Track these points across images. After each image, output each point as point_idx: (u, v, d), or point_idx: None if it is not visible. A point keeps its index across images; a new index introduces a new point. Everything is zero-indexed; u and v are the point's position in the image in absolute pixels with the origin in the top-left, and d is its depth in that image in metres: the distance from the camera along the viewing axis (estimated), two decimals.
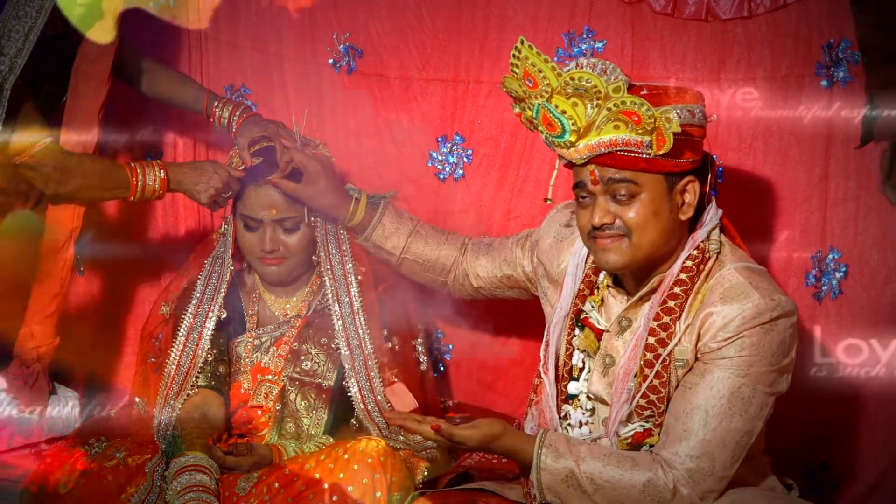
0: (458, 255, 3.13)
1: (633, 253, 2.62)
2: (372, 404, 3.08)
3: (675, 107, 2.55)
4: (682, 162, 2.58)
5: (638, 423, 2.63)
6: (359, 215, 3.12)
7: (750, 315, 2.55)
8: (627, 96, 2.52)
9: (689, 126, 2.57)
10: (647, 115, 2.50)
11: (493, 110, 3.43)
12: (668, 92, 2.60)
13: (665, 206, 2.60)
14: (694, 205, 2.62)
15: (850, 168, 3.26)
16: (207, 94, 3.27)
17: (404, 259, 3.15)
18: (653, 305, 2.64)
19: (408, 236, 3.14)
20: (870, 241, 3.27)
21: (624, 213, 2.60)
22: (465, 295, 3.18)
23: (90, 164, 3.05)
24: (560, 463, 2.60)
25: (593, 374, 2.73)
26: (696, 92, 2.65)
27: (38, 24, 2.87)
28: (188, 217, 3.55)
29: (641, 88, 2.59)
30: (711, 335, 2.57)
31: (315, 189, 3.09)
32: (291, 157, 3.09)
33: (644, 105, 2.50)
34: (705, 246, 2.65)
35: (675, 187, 2.60)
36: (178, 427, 3.05)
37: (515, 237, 3.08)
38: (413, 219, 3.18)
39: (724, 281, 2.60)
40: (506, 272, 3.06)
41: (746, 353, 2.55)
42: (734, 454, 2.57)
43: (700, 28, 3.29)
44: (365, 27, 3.44)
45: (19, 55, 2.86)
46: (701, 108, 2.62)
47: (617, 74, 2.55)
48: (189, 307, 3.15)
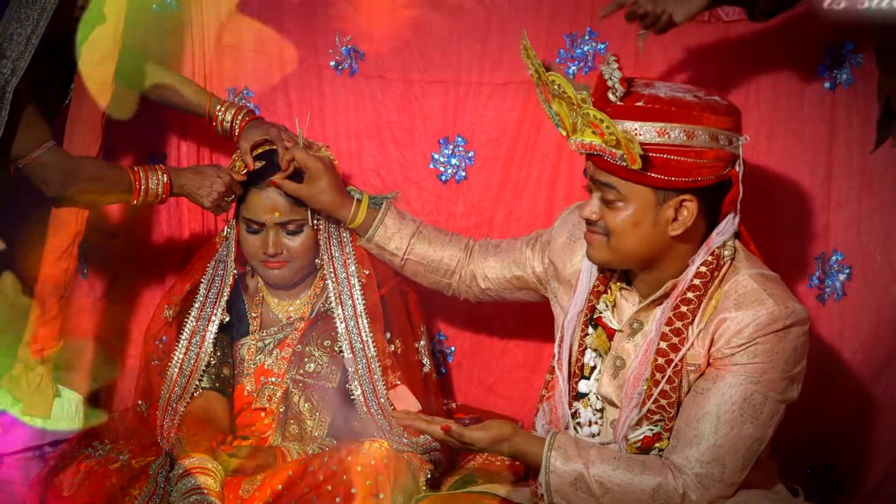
0: (462, 256, 3.12)
1: (613, 254, 2.63)
2: (375, 407, 3.08)
3: (671, 125, 2.52)
4: (671, 180, 2.54)
5: (647, 427, 2.63)
6: (360, 216, 3.12)
7: (764, 322, 2.54)
8: (591, 108, 2.52)
9: (681, 147, 2.53)
10: (608, 132, 2.50)
11: (494, 112, 3.44)
12: (679, 106, 2.54)
13: (648, 219, 2.58)
14: (688, 223, 2.58)
15: (853, 170, 3.27)
16: (210, 97, 3.27)
17: (408, 260, 3.14)
18: (665, 310, 2.63)
19: (410, 237, 3.13)
20: (873, 243, 3.28)
21: (607, 215, 2.61)
22: (471, 297, 3.17)
23: (93, 168, 3.05)
24: (569, 466, 2.59)
25: (603, 375, 2.72)
26: (725, 114, 2.56)
27: (39, 27, 2.87)
28: (192, 220, 3.55)
29: (640, 98, 2.55)
30: (725, 341, 2.57)
31: (317, 188, 3.09)
32: (293, 155, 3.10)
33: (605, 122, 2.49)
34: (720, 252, 2.63)
35: (665, 202, 2.57)
36: (182, 429, 3.06)
37: (525, 238, 3.06)
38: (416, 220, 3.17)
39: (739, 287, 2.59)
40: (515, 273, 3.04)
41: (759, 359, 2.54)
42: (744, 460, 2.57)
43: (702, 30, 3.30)
44: (367, 29, 3.44)
45: (21, 58, 2.86)
46: (715, 131, 2.54)
47: (614, 77, 2.53)
48: (192, 310, 3.16)
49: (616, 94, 2.54)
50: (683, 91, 2.59)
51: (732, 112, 2.60)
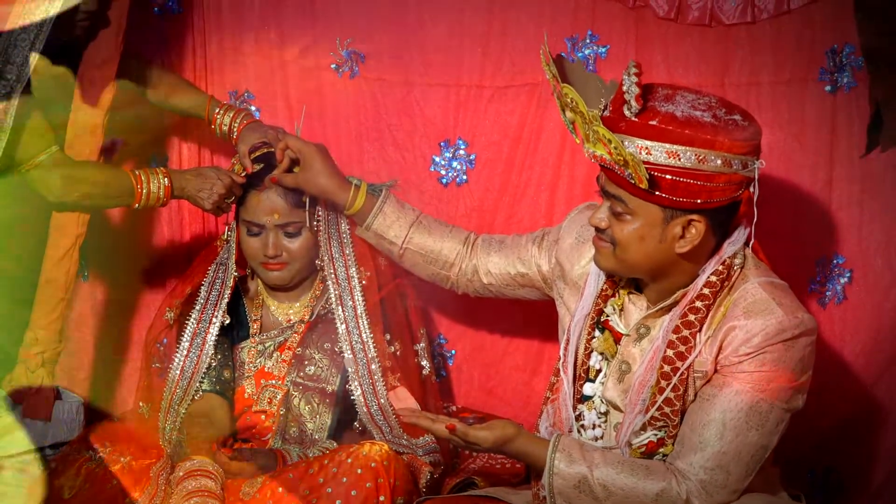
0: (461, 249, 3.10)
1: (619, 264, 2.63)
2: (375, 408, 3.08)
3: (682, 148, 2.48)
4: (679, 200, 2.52)
5: (651, 432, 2.63)
6: (359, 202, 3.09)
7: (773, 332, 2.54)
8: (601, 127, 2.49)
9: (691, 171, 2.49)
10: (616, 152, 2.48)
11: (495, 115, 3.44)
12: (694, 129, 2.49)
13: (655, 235, 2.57)
14: (695, 242, 2.57)
15: (853, 173, 3.27)
16: (209, 100, 3.28)
17: (406, 249, 3.11)
18: (672, 318, 2.63)
19: (410, 226, 3.10)
20: (874, 246, 3.29)
21: (615, 226, 2.60)
22: (470, 291, 3.14)
23: (95, 173, 3.05)
24: (573, 468, 2.59)
25: (609, 379, 2.72)
26: (742, 139, 2.51)
27: (43, 33, 2.88)
28: (193, 223, 3.55)
29: (656, 115, 2.50)
30: (733, 349, 2.56)
31: (312, 171, 3.07)
32: (287, 143, 3.09)
33: (613, 142, 2.47)
34: (731, 262, 2.62)
35: (673, 220, 2.55)
36: (183, 431, 3.06)
37: (530, 235, 3.04)
38: (416, 210, 3.15)
39: (748, 295, 2.59)
40: (520, 270, 3.02)
41: (767, 368, 2.54)
42: (748, 468, 2.57)
43: (703, 33, 3.30)
44: (368, 32, 3.44)
45: (26, 64, 2.87)
46: (728, 156, 2.50)
47: (631, 92, 2.48)
48: (193, 313, 3.16)
49: (631, 111, 2.50)
50: (704, 108, 2.53)
51: (751, 135, 2.54)
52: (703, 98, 2.56)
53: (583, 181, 3.40)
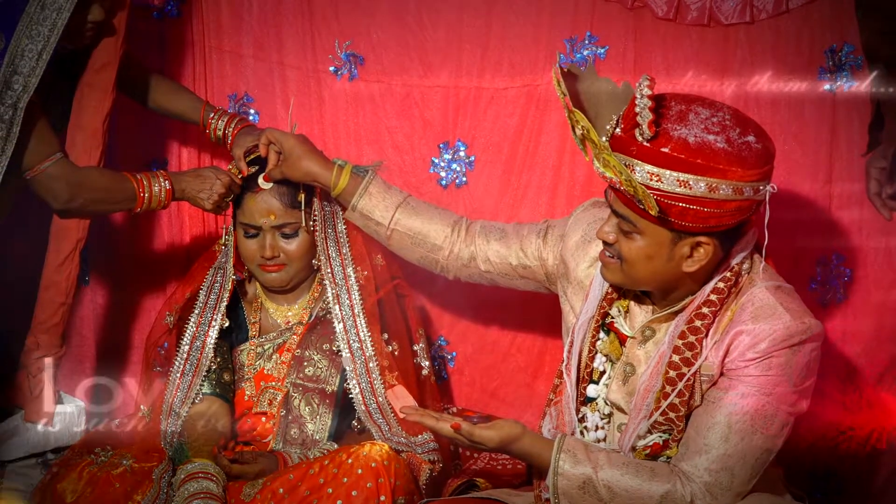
0: (450, 232, 3.05)
1: (626, 278, 2.63)
2: (373, 406, 3.08)
3: (693, 177, 2.45)
4: (687, 225, 2.50)
5: (656, 435, 2.62)
6: (343, 180, 3.06)
7: (780, 337, 2.53)
8: (611, 156, 2.45)
9: (702, 199, 2.46)
10: (626, 180, 2.45)
11: (495, 117, 3.43)
12: (706, 157, 2.45)
13: (662, 255, 2.55)
14: (703, 262, 2.55)
15: (854, 172, 3.26)
16: (204, 105, 3.29)
17: (394, 231, 3.06)
18: (679, 323, 2.62)
19: (396, 207, 3.06)
20: (874, 246, 3.27)
21: (622, 242, 2.58)
22: (464, 277, 3.09)
23: (98, 179, 3.06)
24: (578, 469, 2.59)
25: (613, 381, 2.71)
26: (754, 166, 2.47)
27: (50, 43, 2.88)
28: (193, 226, 3.56)
29: (668, 142, 2.45)
30: (739, 353, 2.55)
31: (294, 157, 3.06)
32: (267, 137, 3.09)
33: (623, 173, 2.44)
34: (739, 268, 2.61)
35: (681, 240, 2.53)
36: (185, 434, 3.06)
37: (533, 225, 2.99)
38: (403, 192, 3.12)
39: (755, 300, 2.58)
40: (522, 261, 2.97)
41: (773, 372, 2.54)
42: (753, 470, 2.57)
43: (702, 33, 3.30)
44: (366, 34, 3.44)
45: (33, 74, 2.87)
46: (740, 185, 2.46)
47: (643, 116, 2.43)
48: (192, 316, 3.16)
49: (644, 136, 2.46)
50: (717, 130, 2.48)
51: (764, 161, 2.50)
52: (717, 115, 2.51)
53: (583, 183, 3.40)
